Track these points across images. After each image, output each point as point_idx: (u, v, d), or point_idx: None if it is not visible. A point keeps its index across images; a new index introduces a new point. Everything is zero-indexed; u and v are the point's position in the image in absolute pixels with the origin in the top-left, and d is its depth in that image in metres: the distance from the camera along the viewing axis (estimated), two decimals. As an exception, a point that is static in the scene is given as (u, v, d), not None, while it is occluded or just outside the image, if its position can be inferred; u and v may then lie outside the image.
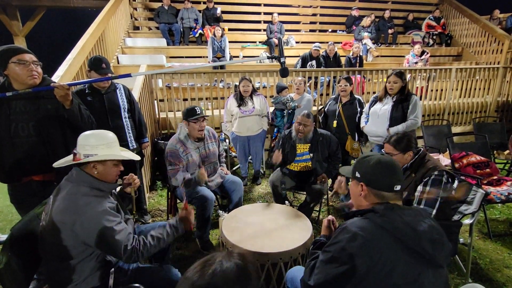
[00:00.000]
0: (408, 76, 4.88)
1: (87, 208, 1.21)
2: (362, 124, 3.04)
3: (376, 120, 2.85)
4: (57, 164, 1.37)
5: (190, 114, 2.29)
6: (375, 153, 1.15)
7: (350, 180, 1.21)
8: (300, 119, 2.57)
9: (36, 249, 1.30)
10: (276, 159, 2.53)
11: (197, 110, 2.29)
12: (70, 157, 1.34)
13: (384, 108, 2.78)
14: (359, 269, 0.90)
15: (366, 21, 6.82)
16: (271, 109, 3.73)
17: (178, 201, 2.57)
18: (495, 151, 3.77)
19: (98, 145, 1.29)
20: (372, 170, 1.08)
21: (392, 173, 1.07)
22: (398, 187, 1.06)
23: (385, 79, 4.69)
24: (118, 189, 1.61)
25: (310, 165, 2.65)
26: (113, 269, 1.35)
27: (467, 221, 1.96)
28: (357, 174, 1.12)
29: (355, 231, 0.95)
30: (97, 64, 2.20)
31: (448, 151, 3.29)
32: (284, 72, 1.86)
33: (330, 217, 1.36)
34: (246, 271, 0.72)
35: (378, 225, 0.95)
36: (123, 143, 2.34)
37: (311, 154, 2.63)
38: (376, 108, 2.86)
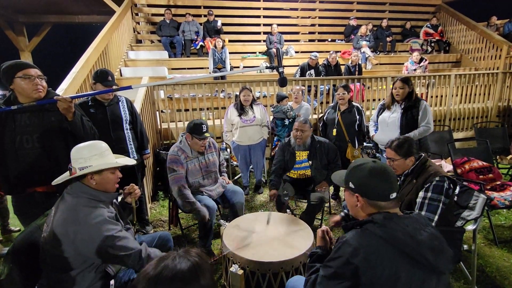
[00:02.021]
0: (407, 83, 4.90)
1: (87, 219, 1.22)
2: (372, 132, 2.98)
3: (385, 128, 2.77)
4: (55, 181, 1.38)
5: (196, 131, 2.29)
6: (367, 159, 1.11)
7: (344, 189, 1.17)
8: (297, 125, 2.60)
9: (37, 260, 1.30)
10: (272, 196, 2.55)
11: (203, 128, 2.29)
12: (67, 173, 1.36)
13: (393, 115, 2.71)
14: (363, 283, 0.89)
15: (362, 29, 6.92)
16: (271, 118, 3.75)
17: (179, 211, 2.57)
18: (497, 156, 3.74)
19: (91, 156, 1.30)
20: (366, 180, 1.04)
21: (386, 182, 1.03)
22: (394, 195, 1.03)
23: (384, 87, 4.76)
24: (119, 199, 1.62)
25: (309, 173, 2.66)
26: (113, 280, 1.35)
27: (470, 227, 1.94)
28: (351, 185, 1.08)
29: (356, 244, 0.93)
30: (103, 76, 2.26)
31: (450, 157, 3.28)
32: (282, 82, 1.87)
33: (324, 227, 1.32)
34: (199, 268, 0.75)
35: (378, 237, 0.94)
36: (125, 154, 2.36)
37: (310, 162, 2.64)
38: (384, 116, 2.78)
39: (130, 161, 1.47)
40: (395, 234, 0.93)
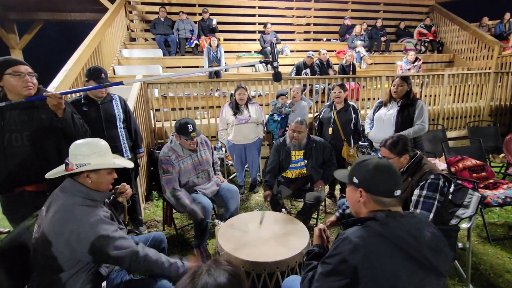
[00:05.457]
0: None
1: (83, 218, 1.19)
2: (367, 130, 2.98)
3: (381, 125, 2.77)
4: (49, 175, 1.35)
5: (182, 132, 2.26)
6: (373, 156, 1.10)
7: (346, 185, 1.16)
8: (294, 126, 2.59)
9: (25, 263, 1.26)
10: (266, 197, 2.56)
11: (189, 128, 2.24)
12: (62, 167, 1.32)
13: (389, 113, 2.70)
14: (362, 281, 0.87)
15: (357, 29, 6.95)
16: (266, 116, 3.74)
17: (173, 211, 2.54)
18: (490, 155, 3.79)
19: (90, 154, 1.27)
20: (371, 176, 1.03)
21: (391, 178, 1.02)
22: (398, 192, 1.02)
23: (378, 86, 4.78)
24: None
25: (305, 172, 2.65)
26: (105, 282, 1.32)
27: (464, 225, 1.94)
28: (355, 180, 1.07)
29: (356, 241, 0.91)
30: (96, 74, 2.20)
31: (444, 156, 3.30)
32: (277, 76, 1.84)
33: (321, 225, 1.32)
34: (238, 276, 0.74)
35: (379, 234, 0.92)
36: (118, 153, 2.33)
37: (306, 161, 2.64)
38: (381, 114, 2.78)
39: (129, 164, 1.44)
40: (397, 233, 0.92)
